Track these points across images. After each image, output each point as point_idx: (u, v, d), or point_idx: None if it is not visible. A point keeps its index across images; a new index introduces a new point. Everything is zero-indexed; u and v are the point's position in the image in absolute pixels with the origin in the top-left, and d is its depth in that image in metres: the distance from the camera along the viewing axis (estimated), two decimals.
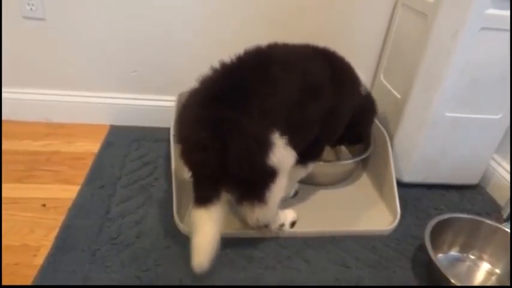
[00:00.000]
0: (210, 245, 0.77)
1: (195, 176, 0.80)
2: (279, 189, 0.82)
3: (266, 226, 0.89)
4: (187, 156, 0.80)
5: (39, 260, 0.82)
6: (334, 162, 1.13)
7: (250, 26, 0.95)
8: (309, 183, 1.12)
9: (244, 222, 0.96)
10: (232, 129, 0.74)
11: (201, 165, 0.77)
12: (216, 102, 0.77)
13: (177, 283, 0.81)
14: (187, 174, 0.82)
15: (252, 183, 0.79)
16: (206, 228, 0.77)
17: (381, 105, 1.24)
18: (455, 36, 0.95)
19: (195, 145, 0.76)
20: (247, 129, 0.75)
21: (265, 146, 0.76)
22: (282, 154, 0.78)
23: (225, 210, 0.80)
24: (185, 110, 0.83)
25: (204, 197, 0.78)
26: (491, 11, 0.92)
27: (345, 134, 1.01)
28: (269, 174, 0.78)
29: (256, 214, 0.83)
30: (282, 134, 0.78)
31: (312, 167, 0.99)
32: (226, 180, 0.77)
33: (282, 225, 0.93)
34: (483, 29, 0.93)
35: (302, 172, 0.98)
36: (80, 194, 1.01)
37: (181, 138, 0.81)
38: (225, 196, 0.79)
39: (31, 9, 1.16)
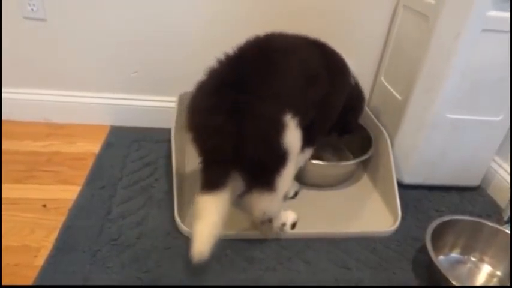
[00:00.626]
0: (212, 233, 0.77)
1: (206, 161, 0.81)
2: (288, 175, 0.83)
3: (270, 221, 0.89)
4: (202, 142, 0.80)
5: (40, 260, 0.82)
6: (335, 163, 1.13)
7: (251, 28, 0.95)
8: (310, 185, 1.12)
9: (246, 221, 0.96)
10: (247, 111, 0.76)
11: (216, 150, 0.78)
12: (227, 88, 0.79)
13: (177, 284, 0.81)
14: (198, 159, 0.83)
15: (264, 167, 0.80)
16: (210, 215, 0.78)
17: (382, 107, 1.25)
18: (456, 38, 0.95)
19: (211, 130, 0.77)
20: (261, 111, 0.77)
21: (280, 127, 0.78)
22: (293, 135, 0.81)
23: (230, 201, 0.80)
24: (196, 99, 0.85)
25: (212, 183, 0.78)
26: (493, 13, 0.92)
27: (337, 123, 1.04)
28: (281, 157, 0.80)
29: (264, 203, 0.83)
30: (293, 115, 0.80)
31: (308, 154, 1.01)
32: (237, 165, 0.78)
33: (284, 224, 0.93)
34: (484, 30, 0.93)
35: (300, 158, 0.98)
36: (81, 194, 1.01)
37: (196, 124, 0.82)
38: (232, 184, 0.79)
39: (32, 9, 1.16)
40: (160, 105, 1.33)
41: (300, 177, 1.09)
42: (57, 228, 0.90)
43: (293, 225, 0.95)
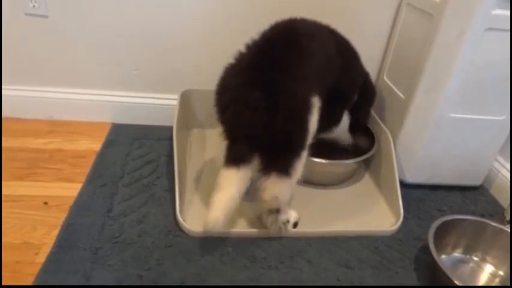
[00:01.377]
0: (229, 205, 0.81)
1: (234, 136, 0.84)
2: (303, 160, 0.85)
3: (277, 211, 0.89)
4: (236, 116, 0.82)
5: (41, 258, 0.82)
6: (337, 162, 1.12)
7: (252, 26, 0.95)
8: (312, 183, 1.12)
9: (249, 219, 0.96)
10: (282, 89, 0.80)
11: (248, 124, 0.80)
12: (260, 67, 0.83)
13: (179, 282, 0.80)
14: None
15: (286, 148, 0.82)
16: (231, 188, 0.81)
17: (385, 105, 1.24)
18: (460, 37, 0.94)
19: (247, 104, 0.80)
20: (294, 90, 0.81)
21: (309, 106, 0.83)
22: (315, 117, 0.85)
23: (249, 180, 0.84)
24: (228, 78, 0.88)
25: (238, 157, 0.82)
26: (497, 12, 0.91)
27: (351, 114, 1.11)
28: (305, 137, 0.83)
29: (279, 187, 0.84)
30: (318, 97, 0.85)
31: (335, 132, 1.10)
32: (264, 143, 0.81)
33: (287, 221, 0.93)
34: (489, 29, 0.93)
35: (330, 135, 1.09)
36: (82, 192, 1.01)
37: (230, 98, 0.83)
38: (256, 162, 0.83)
39: (34, 6, 1.15)
40: (162, 103, 1.33)
41: (302, 175, 1.08)
42: (59, 225, 0.90)
43: (295, 225, 0.95)
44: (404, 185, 1.11)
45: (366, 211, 1.07)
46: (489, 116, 1.06)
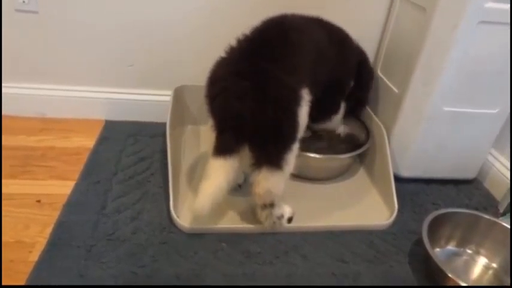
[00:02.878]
0: (217, 192, 0.82)
1: (223, 127, 0.83)
2: (295, 153, 0.86)
3: (271, 205, 0.89)
4: (224, 105, 0.82)
5: (34, 256, 0.82)
6: (331, 156, 1.12)
7: (247, 21, 0.95)
8: (306, 178, 1.12)
9: (243, 214, 0.96)
10: (271, 80, 0.80)
11: (236, 114, 0.80)
12: (250, 59, 0.84)
13: (173, 279, 0.80)
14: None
15: (275, 141, 0.82)
16: (217, 178, 0.83)
17: (379, 99, 1.24)
18: (453, 30, 0.94)
19: (236, 94, 0.80)
20: (284, 81, 0.81)
21: (298, 99, 0.83)
22: (305, 110, 0.85)
23: (237, 171, 0.85)
24: (219, 68, 0.88)
25: (226, 147, 0.82)
26: (490, 4, 0.91)
27: (349, 99, 1.13)
28: (294, 129, 0.83)
29: (272, 181, 0.84)
30: (308, 90, 0.85)
31: (336, 121, 1.15)
32: (253, 134, 0.81)
33: (282, 216, 0.93)
34: (481, 22, 0.93)
35: (331, 126, 1.14)
36: (75, 189, 1.00)
37: (220, 88, 0.83)
38: (241, 155, 0.83)
39: (23, 1, 1.14)
40: (156, 99, 1.32)
41: (297, 170, 1.08)
42: (52, 223, 0.90)
43: (289, 220, 0.95)
44: (398, 179, 1.11)
45: (360, 205, 1.07)
46: (483, 109, 1.06)
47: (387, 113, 1.16)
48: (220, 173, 0.82)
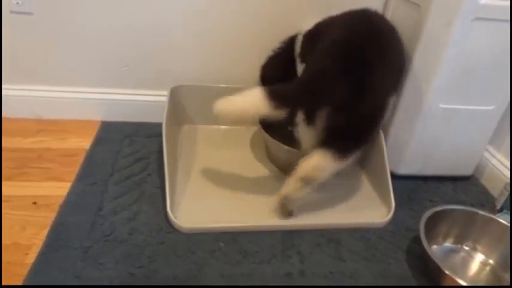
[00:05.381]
0: (239, 104, 0.82)
1: (313, 89, 0.83)
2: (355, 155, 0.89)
3: (307, 184, 0.90)
4: (331, 82, 0.82)
5: (31, 258, 0.81)
6: None
7: (242, 22, 0.94)
8: None
9: (241, 214, 0.96)
10: (369, 86, 0.84)
11: (329, 92, 0.82)
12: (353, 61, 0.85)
13: (171, 279, 0.80)
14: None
15: (358, 137, 0.87)
16: (250, 98, 0.81)
17: None
18: (448, 27, 0.94)
19: (340, 79, 0.82)
20: (381, 89, 0.87)
21: (387, 108, 0.90)
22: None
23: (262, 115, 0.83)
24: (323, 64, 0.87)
25: (288, 99, 0.82)
26: (485, 1, 0.91)
27: None
28: (374, 135, 0.91)
29: (329, 165, 0.86)
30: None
31: None
32: (340, 118, 0.83)
33: (291, 212, 0.95)
34: (476, 19, 0.93)
35: None
36: (72, 191, 1.00)
37: (329, 68, 0.84)
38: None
39: (17, 3, 1.13)
40: (153, 100, 1.31)
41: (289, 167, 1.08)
42: (48, 225, 0.89)
43: (290, 213, 0.96)
44: (395, 177, 1.12)
45: (357, 203, 1.07)
46: (478, 106, 1.07)
47: None
48: (252, 99, 0.81)
